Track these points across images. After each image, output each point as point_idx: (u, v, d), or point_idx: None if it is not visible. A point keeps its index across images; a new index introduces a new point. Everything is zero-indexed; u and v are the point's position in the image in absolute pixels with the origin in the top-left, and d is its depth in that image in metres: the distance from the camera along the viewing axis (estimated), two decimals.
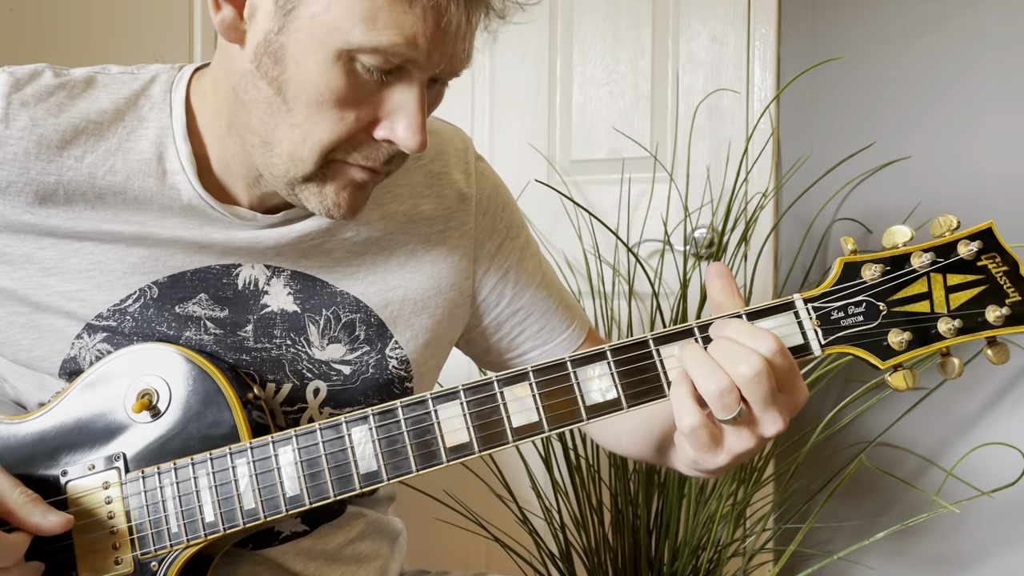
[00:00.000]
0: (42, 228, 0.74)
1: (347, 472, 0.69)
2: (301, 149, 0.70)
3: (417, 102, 0.68)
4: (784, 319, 0.69)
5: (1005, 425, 1.68)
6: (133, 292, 0.76)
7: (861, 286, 0.69)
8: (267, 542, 0.81)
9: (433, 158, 0.89)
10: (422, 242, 0.86)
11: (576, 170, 2.11)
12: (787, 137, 1.91)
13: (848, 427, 1.80)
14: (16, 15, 1.56)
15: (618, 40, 2.05)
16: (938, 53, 1.76)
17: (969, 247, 0.69)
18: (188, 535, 0.70)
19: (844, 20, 1.85)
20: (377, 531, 0.90)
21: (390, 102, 0.69)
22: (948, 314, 0.69)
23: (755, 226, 1.79)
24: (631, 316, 1.87)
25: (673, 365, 0.68)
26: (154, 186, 0.76)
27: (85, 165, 0.75)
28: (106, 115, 0.76)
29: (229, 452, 0.70)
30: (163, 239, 0.76)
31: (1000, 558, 1.73)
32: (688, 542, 1.66)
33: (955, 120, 1.75)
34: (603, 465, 1.90)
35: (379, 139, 0.70)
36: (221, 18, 0.69)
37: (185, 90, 0.78)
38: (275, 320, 0.80)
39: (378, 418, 0.70)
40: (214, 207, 0.77)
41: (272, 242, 0.80)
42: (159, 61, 0.83)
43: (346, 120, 0.69)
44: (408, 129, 0.68)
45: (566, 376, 0.69)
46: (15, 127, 0.72)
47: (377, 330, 0.83)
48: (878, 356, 0.69)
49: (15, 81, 0.74)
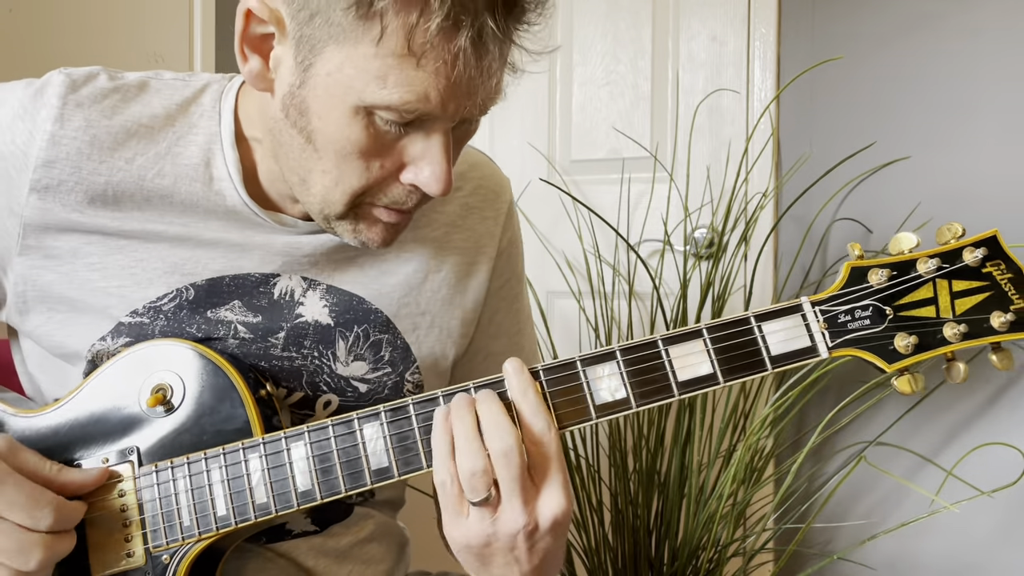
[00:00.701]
0: (90, 227, 0.75)
1: (358, 468, 0.70)
2: (332, 193, 0.71)
3: (440, 149, 0.69)
4: (791, 321, 0.70)
5: (1005, 425, 1.69)
6: (170, 291, 0.77)
7: (868, 290, 0.70)
8: (279, 537, 0.82)
9: (471, 192, 0.91)
10: (452, 271, 0.88)
11: (576, 170, 2.11)
12: (787, 137, 1.91)
13: (848, 427, 1.80)
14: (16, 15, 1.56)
15: (618, 40, 2.05)
16: (938, 53, 1.76)
17: (974, 254, 0.69)
18: (200, 528, 0.70)
19: (844, 20, 1.85)
20: (385, 535, 0.91)
21: (413, 150, 0.70)
22: (954, 319, 0.69)
23: (755, 226, 1.79)
24: (631, 316, 1.87)
25: (681, 365, 0.69)
26: (200, 191, 0.77)
27: (135, 167, 0.76)
28: (157, 119, 0.77)
29: (242, 447, 0.71)
30: (205, 241, 0.78)
31: (1000, 558, 1.73)
32: (688, 542, 1.66)
33: (955, 120, 1.75)
34: (603, 465, 1.90)
35: (405, 183, 0.71)
36: (249, 69, 0.70)
37: (234, 100, 0.79)
38: (307, 331, 0.80)
39: (390, 415, 0.70)
40: (257, 213, 0.78)
41: (310, 249, 0.80)
42: (159, 61, 0.83)
43: (372, 169, 0.70)
44: (433, 176, 0.69)
45: (575, 375, 0.70)
46: (70, 127, 0.74)
47: (402, 352, 0.84)
48: (884, 359, 0.70)
49: (71, 83, 0.75)
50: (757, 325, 0.70)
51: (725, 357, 0.69)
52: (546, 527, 0.65)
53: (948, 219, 1.75)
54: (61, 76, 0.75)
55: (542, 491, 0.65)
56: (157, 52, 1.81)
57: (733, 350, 0.69)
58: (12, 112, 0.74)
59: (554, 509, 0.65)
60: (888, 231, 1.80)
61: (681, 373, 0.69)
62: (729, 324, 0.70)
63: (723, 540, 1.67)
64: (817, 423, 1.65)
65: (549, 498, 0.65)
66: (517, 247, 0.96)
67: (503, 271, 0.93)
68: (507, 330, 0.95)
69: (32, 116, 0.73)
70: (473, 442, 0.64)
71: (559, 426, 0.69)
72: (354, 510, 0.87)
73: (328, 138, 0.68)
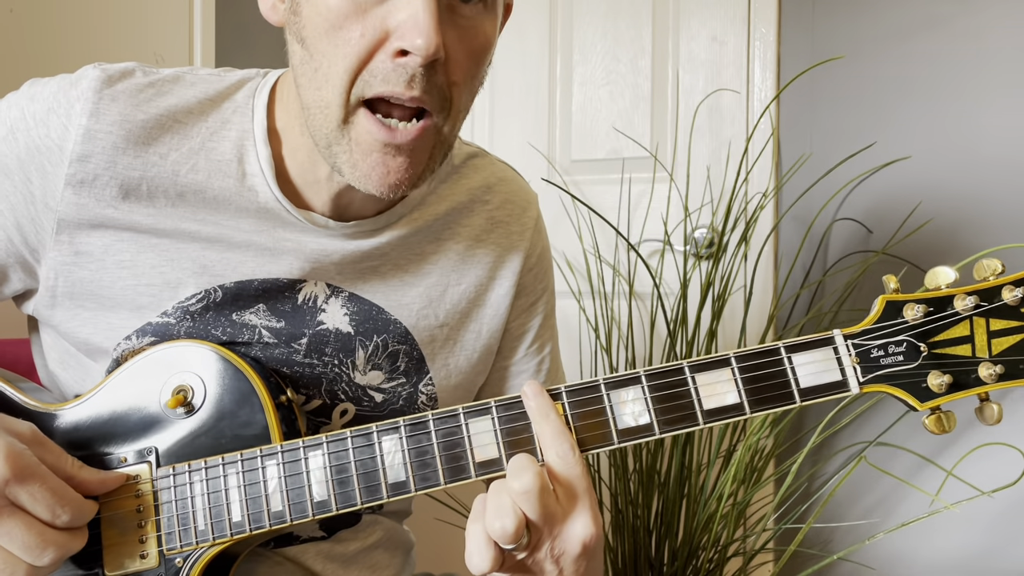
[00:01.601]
0: (123, 223, 0.75)
1: (375, 480, 0.69)
2: (325, 90, 0.68)
3: (422, 1, 0.65)
4: (822, 354, 0.68)
5: (1005, 425, 1.68)
6: (199, 292, 0.76)
7: (903, 326, 0.68)
8: (287, 542, 0.82)
9: (499, 205, 0.90)
10: (473, 284, 0.88)
11: (576, 170, 2.11)
12: (787, 137, 1.91)
13: (848, 427, 1.80)
14: (16, 15, 1.56)
15: (618, 40, 2.05)
16: (938, 52, 1.76)
17: (1014, 293, 0.67)
18: (214, 534, 0.70)
19: (844, 20, 1.85)
20: (393, 542, 0.91)
21: (398, 13, 0.66)
22: (990, 359, 0.67)
23: (755, 226, 1.79)
24: (631, 316, 1.87)
25: (707, 393, 0.68)
26: (233, 187, 0.77)
27: (169, 162, 0.76)
28: (191, 115, 0.77)
29: (259, 453, 0.70)
30: (237, 243, 0.77)
31: (1000, 558, 1.73)
32: (688, 542, 1.66)
33: (955, 120, 1.75)
34: (603, 465, 1.90)
35: (391, 54, 0.67)
36: (263, 2, 0.73)
37: (268, 95, 0.79)
38: (328, 338, 0.80)
39: (409, 429, 0.69)
40: (289, 211, 0.78)
41: (339, 257, 0.80)
42: (159, 61, 0.84)
43: (352, 39, 0.66)
44: (415, 28, 0.64)
45: (599, 398, 0.68)
46: (105, 121, 0.73)
47: (417, 364, 0.84)
48: (916, 398, 0.68)
49: (107, 77, 0.75)
50: (787, 356, 0.68)
51: (753, 388, 0.67)
52: (576, 552, 0.64)
53: (948, 220, 1.75)
54: (96, 71, 0.75)
55: (570, 516, 0.64)
56: (157, 52, 1.81)
57: (761, 380, 0.68)
58: (46, 106, 0.73)
59: (582, 535, 0.63)
60: (888, 231, 1.80)
61: (707, 402, 0.68)
62: (758, 354, 0.68)
63: (723, 540, 1.67)
64: (817, 423, 1.64)
65: (577, 524, 0.64)
66: (545, 263, 0.95)
67: (530, 289, 0.92)
68: (539, 348, 0.94)
69: (67, 110, 0.73)
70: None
71: (580, 449, 0.67)
72: (362, 518, 0.87)
73: (314, 22, 0.67)
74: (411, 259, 0.84)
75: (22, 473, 0.61)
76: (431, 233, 0.85)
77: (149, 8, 1.84)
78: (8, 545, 0.61)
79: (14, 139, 0.73)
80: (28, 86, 0.76)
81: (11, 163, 0.74)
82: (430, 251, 0.85)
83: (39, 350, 0.85)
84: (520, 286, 0.91)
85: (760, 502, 1.86)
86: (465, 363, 0.88)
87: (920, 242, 1.77)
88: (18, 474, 0.60)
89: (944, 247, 1.74)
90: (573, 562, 0.64)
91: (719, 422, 0.68)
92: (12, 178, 0.74)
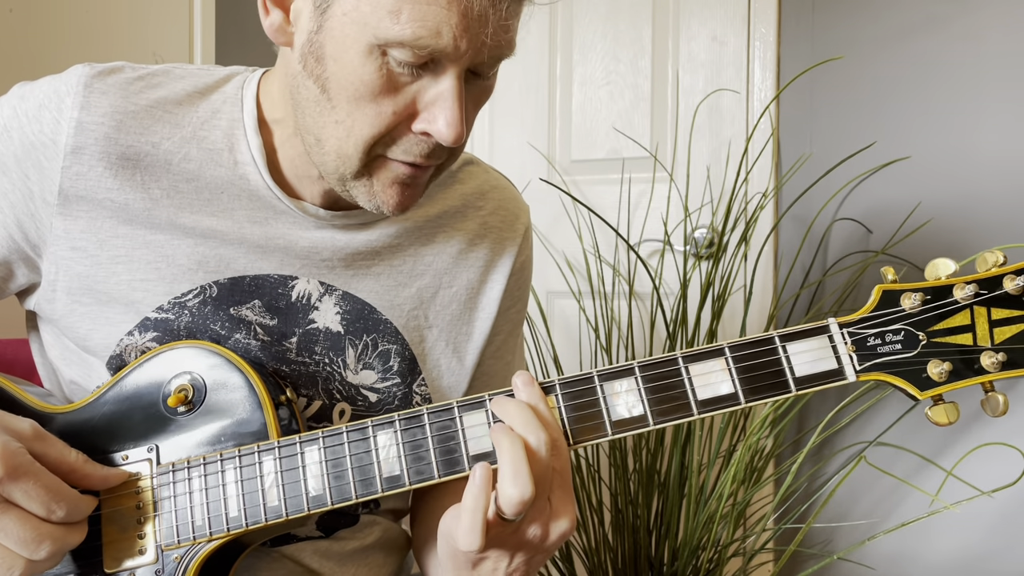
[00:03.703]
0: (119, 216, 0.76)
1: (370, 474, 0.69)
2: (346, 145, 0.71)
3: (452, 93, 0.68)
4: (818, 342, 0.68)
5: (1005, 425, 1.69)
6: (195, 288, 0.77)
7: (900, 314, 0.67)
8: (284, 541, 0.82)
9: (491, 211, 0.91)
10: (464, 287, 0.89)
11: (576, 170, 2.11)
12: (787, 137, 1.91)
13: (848, 427, 1.80)
14: (16, 15, 1.56)
15: (618, 40, 2.06)
16: (938, 53, 1.77)
17: (1016, 281, 0.66)
18: (211, 529, 0.70)
19: (844, 20, 1.85)
20: (391, 541, 0.91)
21: (426, 95, 0.69)
22: (992, 348, 0.66)
23: (755, 226, 1.79)
24: (631, 316, 1.87)
25: (701, 383, 0.68)
26: (225, 175, 0.78)
27: (161, 151, 0.77)
28: (181, 106, 0.78)
29: (257, 449, 0.71)
30: (230, 239, 0.78)
31: (1000, 558, 1.73)
32: (688, 542, 1.66)
33: (955, 120, 1.75)
34: (603, 465, 1.90)
35: (417, 132, 0.70)
36: (270, 22, 0.72)
37: (256, 88, 0.81)
38: (318, 337, 0.81)
39: (404, 423, 0.70)
40: (280, 199, 0.79)
41: (329, 253, 0.81)
42: (159, 61, 0.84)
43: (384, 114, 0.69)
44: (444, 121, 0.68)
45: (592, 390, 0.68)
46: (96, 113, 0.74)
47: (409, 364, 0.85)
48: (916, 386, 0.67)
49: (96, 73, 0.76)
50: (782, 345, 0.67)
51: (747, 377, 0.67)
52: (552, 541, 0.65)
53: (948, 220, 1.75)
54: (86, 67, 0.76)
55: (555, 506, 0.65)
56: (157, 52, 1.81)
57: (756, 370, 0.67)
58: (37, 103, 0.75)
59: (562, 528, 0.65)
60: (888, 231, 1.80)
61: (701, 392, 0.68)
62: (752, 343, 0.68)
63: (723, 540, 1.67)
64: (817, 423, 1.65)
65: (560, 514, 0.65)
66: (528, 272, 0.96)
67: (512, 293, 0.93)
68: (504, 354, 0.95)
69: (57, 105, 0.74)
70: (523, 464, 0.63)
71: (574, 441, 0.67)
72: (360, 517, 0.87)
73: (342, 83, 0.68)
74: (404, 260, 0.85)
75: (16, 471, 0.61)
76: (423, 234, 0.86)
77: (149, 8, 1.84)
78: (4, 541, 0.62)
79: (8, 138, 0.74)
80: (17, 88, 0.77)
81: (8, 161, 0.75)
82: (423, 252, 0.87)
83: (39, 348, 0.86)
84: (506, 291, 0.92)
85: (760, 502, 1.86)
86: (457, 364, 0.89)
87: (920, 242, 1.77)
88: (11, 472, 0.61)
89: (944, 247, 1.74)
90: (547, 550, 0.66)
91: (714, 412, 0.68)
92: (10, 176, 0.75)
